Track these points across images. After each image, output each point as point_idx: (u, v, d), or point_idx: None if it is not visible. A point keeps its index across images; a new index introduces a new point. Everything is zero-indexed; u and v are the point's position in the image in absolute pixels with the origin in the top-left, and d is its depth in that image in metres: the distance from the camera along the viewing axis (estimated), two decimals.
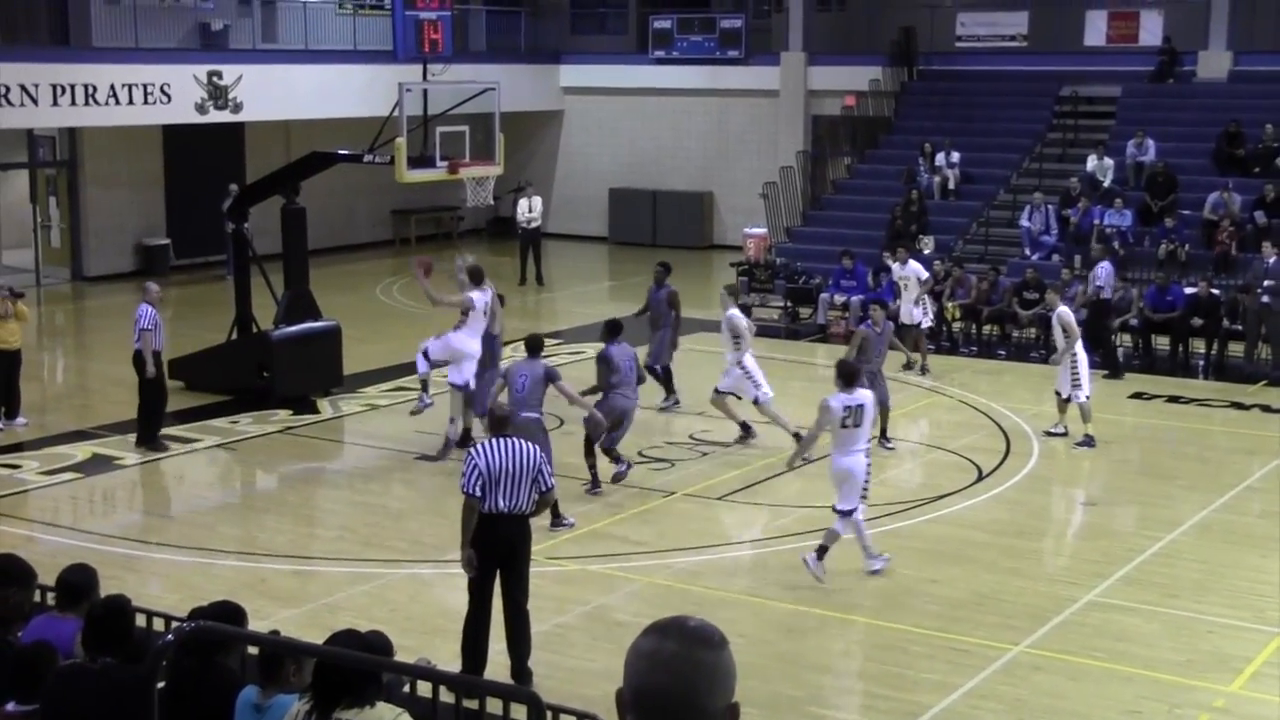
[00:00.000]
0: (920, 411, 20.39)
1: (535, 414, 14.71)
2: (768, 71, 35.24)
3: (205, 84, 29.53)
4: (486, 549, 10.88)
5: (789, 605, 12.90)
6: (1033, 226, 27.35)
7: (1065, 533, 15.87)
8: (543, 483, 10.97)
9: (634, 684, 3.18)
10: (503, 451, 10.88)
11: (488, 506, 10.78)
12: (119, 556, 14.01)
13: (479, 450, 10.90)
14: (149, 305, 17.68)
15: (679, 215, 36.79)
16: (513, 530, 10.95)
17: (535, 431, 14.46)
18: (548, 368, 15.18)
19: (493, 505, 10.79)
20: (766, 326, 26.33)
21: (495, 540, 10.87)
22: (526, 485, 10.87)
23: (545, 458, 11.20)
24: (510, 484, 10.81)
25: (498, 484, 10.78)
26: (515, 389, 14.82)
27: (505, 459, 10.83)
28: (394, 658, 7.30)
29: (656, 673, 3.16)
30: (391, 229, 37.10)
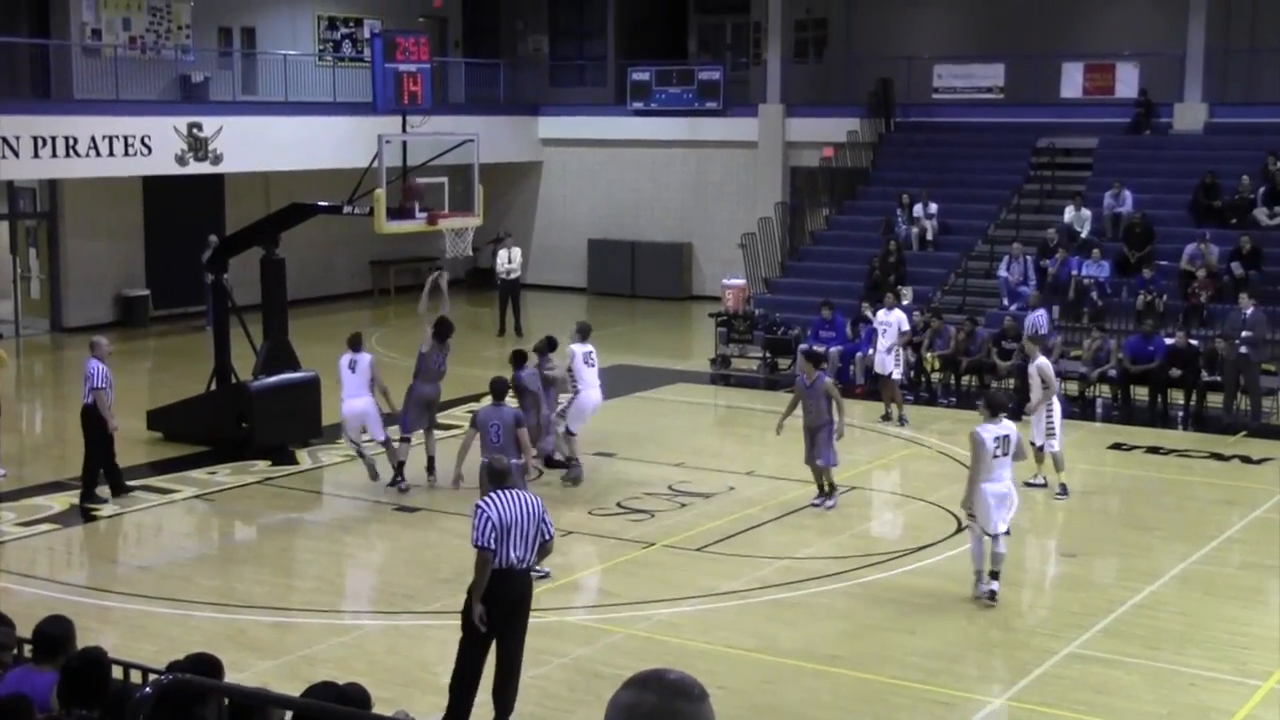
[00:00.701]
0: (899, 462, 20.42)
1: (515, 460, 14.69)
2: (746, 123, 35.44)
3: (185, 135, 29.58)
4: (497, 604, 10.76)
5: (768, 657, 12.87)
6: (1010, 277, 27.48)
7: (1045, 584, 15.85)
8: (545, 531, 10.91)
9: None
10: (511, 503, 10.81)
11: (499, 560, 10.68)
12: (96, 608, 13.93)
13: (488, 503, 10.79)
14: (99, 361, 17.59)
15: (658, 266, 36.88)
16: (523, 585, 10.89)
17: (517, 478, 14.47)
18: (516, 413, 15.34)
19: (504, 559, 10.69)
20: (745, 377, 26.43)
21: (506, 595, 10.77)
22: (533, 536, 10.81)
23: (545, 507, 11.13)
24: (520, 536, 10.74)
25: (509, 535, 10.69)
26: (490, 438, 14.86)
27: (515, 510, 10.77)
28: (372, 710, 7.26)
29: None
30: (371, 279, 37.14)
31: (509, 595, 10.78)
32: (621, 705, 3.18)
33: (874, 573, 15.20)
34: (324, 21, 35.87)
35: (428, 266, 36.95)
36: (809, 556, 15.73)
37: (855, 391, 24.65)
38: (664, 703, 3.16)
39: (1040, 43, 33.74)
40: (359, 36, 36.01)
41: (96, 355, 17.69)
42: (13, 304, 30.69)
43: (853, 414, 23.32)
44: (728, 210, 35.29)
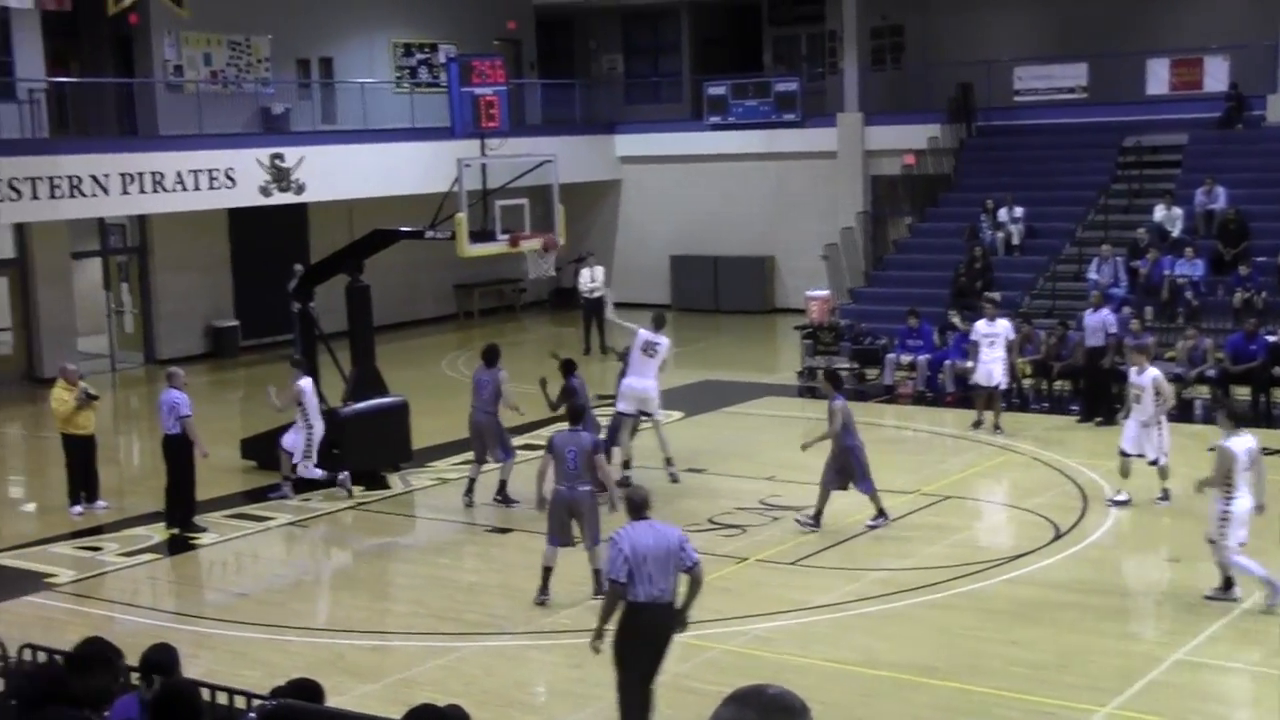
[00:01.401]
0: (993, 470, 20.21)
1: (588, 486, 14.55)
2: (824, 133, 35.29)
3: (268, 167, 29.91)
4: (635, 636, 10.61)
5: (867, 670, 12.75)
6: (1101, 279, 27.09)
7: (1149, 590, 15.59)
8: (685, 560, 10.60)
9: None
10: (646, 534, 10.59)
11: (634, 594, 10.49)
12: (197, 635, 14.06)
13: (623, 535, 10.63)
14: (180, 391, 17.79)
15: (740, 280, 36.80)
16: (662, 617, 10.66)
17: (591, 505, 14.45)
18: (594, 439, 15.07)
19: (639, 592, 10.48)
20: None
21: (642, 628, 10.59)
22: (671, 568, 10.55)
23: (685, 535, 10.81)
24: (657, 567, 10.51)
25: (642, 568, 10.47)
26: (567, 464, 14.48)
27: (649, 541, 10.53)
28: None
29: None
30: (455, 303, 37.34)
31: (645, 628, 10.60)
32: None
33: (971, 582, 15.03)
34: (400, 48, 36.15)
35: (511, 289, 37.23)
36: (905, 568, 15.58)
37: (945, 400, 24.51)
38: (764, 719, 3.12)
39: (1123, 40, 33.35)
40: (435, 62, 36.25)
41: (175, 385, 17.88)
42: (107, 339, 31.12)
43: (943, 422, 23.25)
44: (809, 222, 35.13)
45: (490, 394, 18.51)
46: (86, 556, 17.10)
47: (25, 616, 14.73)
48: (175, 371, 18.44)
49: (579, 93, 38.85)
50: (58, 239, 29.43)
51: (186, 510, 17.88)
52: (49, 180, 26.33)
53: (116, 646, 7.85)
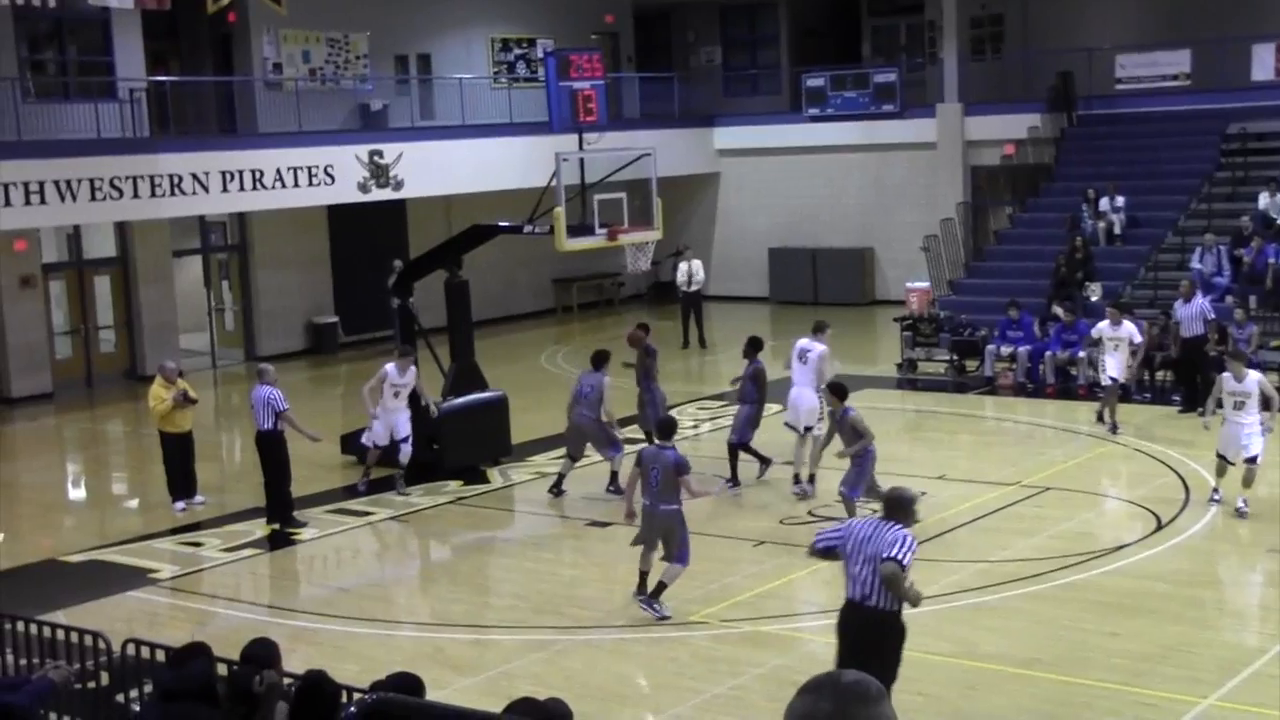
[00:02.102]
0: (1094, 461, 19.98)
1: (673, 505, 14.04)
2: (924, 124, 35.04)
3: (367, 163, 30.18)
4: (842, 635, 10.46)
5: (968, 662, 12.67)
6: (1204, 268, 26.68)
7: (1251, 581, 15.37)
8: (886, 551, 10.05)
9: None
10: (861, 530, 10.41)
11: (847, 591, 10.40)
12: (299, 629, 14.22)
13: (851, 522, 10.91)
14: (272, 387, 17.96)
15: (839, 272, 36.64)
16: (863, 618, 10.28)
17: (674, 525, 14.02)
18: (678, 458, 14.06)
19: (848, 589, 10.39)
20: (933, 380, 26.12)
21: (846, 627, 10.40)
22: (870, 567, 10.14)
23: (901, 536, 10.20)
24: (856, 566, 10.26)
25: (848, 565, 10.34)
26: (650, 481, 14.03)
27: (860, 539, 10.30)
28: None
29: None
30: (553, 298, 37.49)
31: (848, 627, 10.41)
32: (797, 713, 3.14)
33: (1072, 574, 14.89)
34: (497, 44, 36.33)
35: (610, 283, 37.32)
36: (1005, 559, 15.47)
37: (1046, 391, 24.27)
38: (839, 709, 3.10)
39: (1227, 25, 32.75)
40: (532, 56, 36.40)
41: (267, 381, 18.06)
42: (208, 336, 31.55)
43: (1043, 413, 23.01)
44: (908, 213, 34.90)
45: (594, 398, 18.56)
46: (188, 552, 17.34)
47: (129, 611, 14.97)
48: (266, 368, 18.67)
49: (677, 86, 38.83)
50: (159, 237, 29.88)
51: (285, 506, 18.08)
52: (150, 179, 26.74)
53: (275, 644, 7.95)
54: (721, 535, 16.84)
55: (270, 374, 18.30)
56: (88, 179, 25.80)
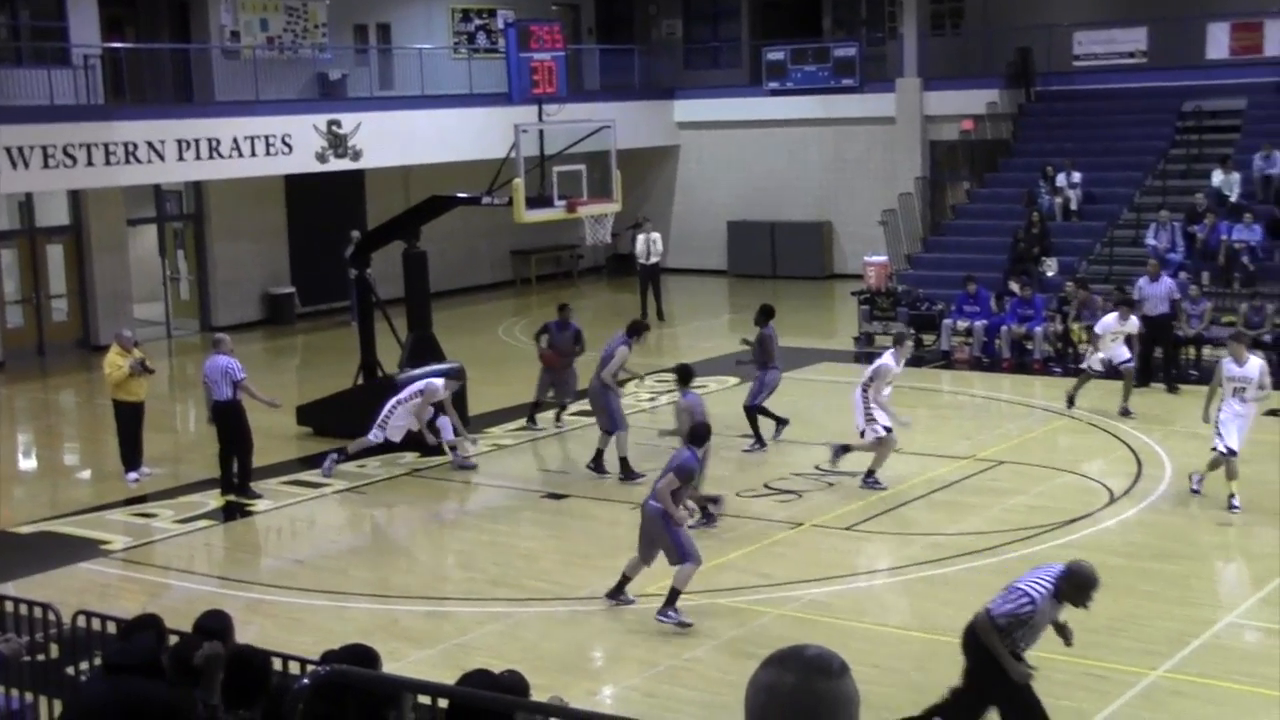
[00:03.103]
0: (1049, 435, 20.12)
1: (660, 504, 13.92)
2: (883, 98, 35.09)
3: (325, 133, 30.02)
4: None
5: (922, 635, 12.75)
6: (1159, 245, 26.86)
7: (1202, 555, 15.49)
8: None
9: (754, 718, 3.13)
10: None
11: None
12: (253, 601, 14.19)
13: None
14: (230, 357, 17.82)
15: (798, 246, 36.69)
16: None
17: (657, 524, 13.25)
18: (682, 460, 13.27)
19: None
20: None
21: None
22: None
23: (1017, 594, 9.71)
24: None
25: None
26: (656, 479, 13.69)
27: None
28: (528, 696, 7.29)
29: (775, 706, 3.10)
30: (512, 269, 37.42)
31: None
32: (761, 685, 3.13)
33: (1026, 547, 14.98)
34: (458, 14, 36.16)
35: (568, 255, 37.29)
36: (959, 533, 15.56)
37: (1002, 366, 24.41)
38: (803, 681, 3.11)
39: (1183, 4, 32.90)
40: (493, 27, 36.23)
41: (223, 351, 17.92)
42: (163, 306, 31.36)
43: (998, 388, 23.14)
44: (867, 187, 34.97)
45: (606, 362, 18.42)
46: (141, 523, 17.24)
47: (80, 583, 14.88)
48: (222, 338, 18.52)
49: (637, 58, 38.76)
50: (113, 206, 29.65)
51: (246, 476, 18.00)
52: (104, 147, 26.51)
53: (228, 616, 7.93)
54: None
55: (226, 344, 18.19)
56: (41, 146, 25.56)
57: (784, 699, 3.10)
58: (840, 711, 3.11)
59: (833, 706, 3.11)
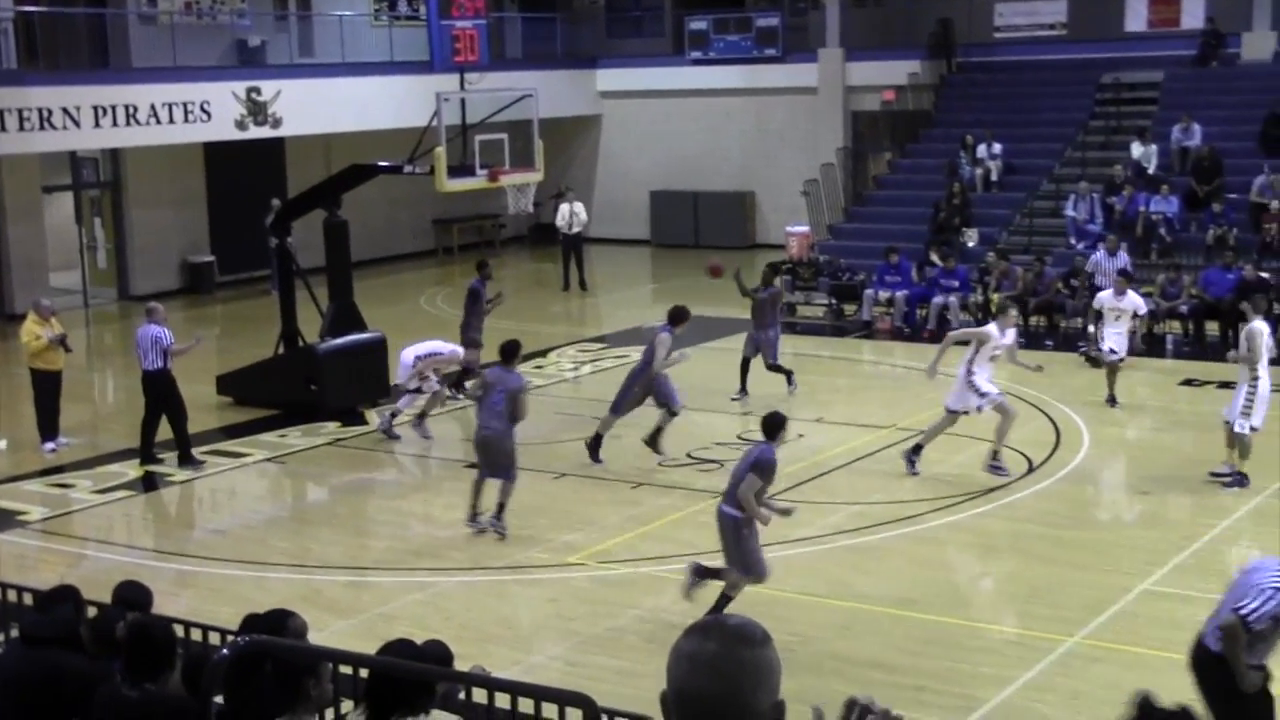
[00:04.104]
0: None
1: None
2: (806, 69, 35.16)
3: (244, 100, 29.68)
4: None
5: (843, 603, 12.85)
6: (1078, 216, 27.18)
7: (1119, 523, 15.71)
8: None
9: (676, 686, 3.14)
10: None
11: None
12: (173, 572, 14.08)
13: None
14: (161, 326, 17.63)
15: (721, 216, 36.73)
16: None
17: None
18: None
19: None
20: (812, 324, 26.32)
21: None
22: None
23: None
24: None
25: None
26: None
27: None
28: (451, 665, 7.27)
29: (698, 674, 3.12)
30: (434, 239, 37.23)
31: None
32: (683, 654, 3.14)
33: (946, 515, 15.15)
34: None
35: (491, 224, 37.14)
36: (881, 501, 15.68)
37: (923, 335, 24.57)
38: (725, 649, 3.12)
39: None
40: None
41: (156, 320, 17.72)
42: (80, 274, 30.96)
43: (920, 358, 23.23)
44: (789, 157, 35.05)
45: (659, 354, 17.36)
46: (58, 494, 17.04)
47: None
48: (155, 306, 18.26)
49: (560, 27, 38.60)
50: (28, 173, 29.18)
51: (183, 444, 17.82)
52: (18, 112, 26.05)
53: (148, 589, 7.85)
54: (599, 477, 16.90)
55: (159, 313, 17.91)
56: None
57: (706, 667, 3.11)
58: (763, 680, 3.13)
59: (755, 675, 3.12)
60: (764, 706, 3.12)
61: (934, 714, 10.64)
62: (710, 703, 3.10)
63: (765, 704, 3.13)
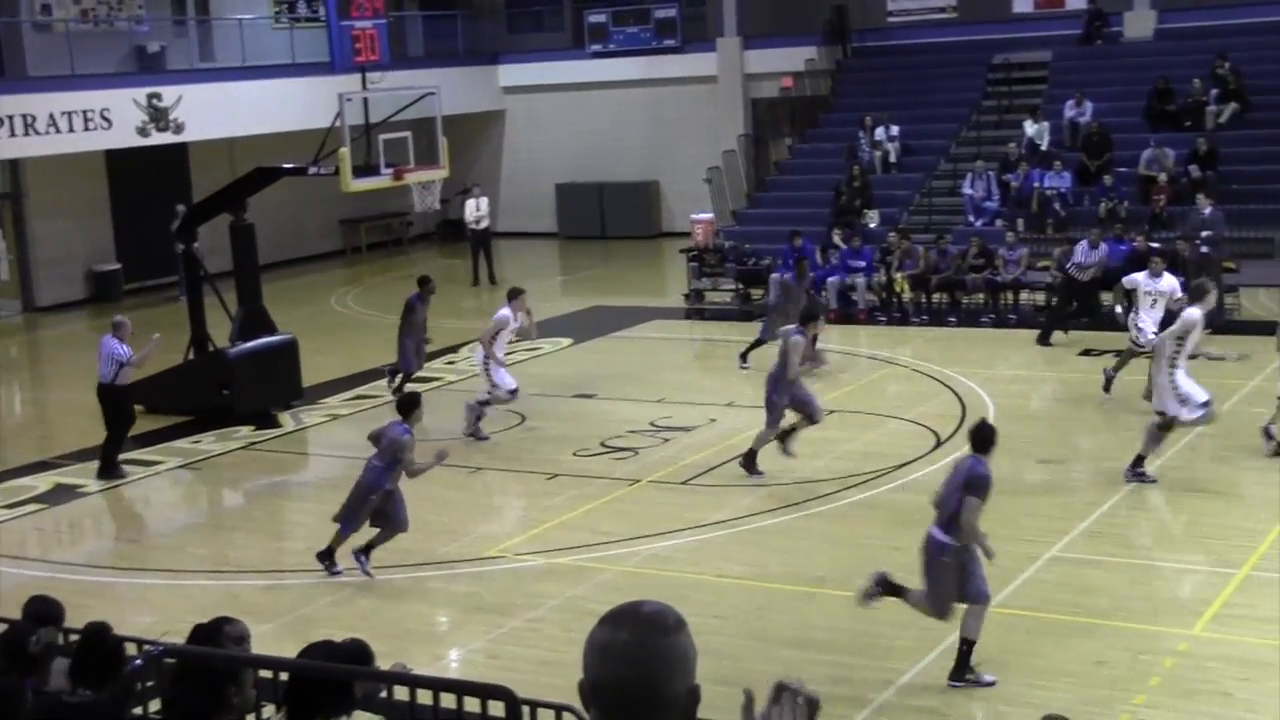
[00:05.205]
0: (877, 383, 20.62)
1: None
2: (705, 58, 35.43)
3: (145, 107, 29.48)
4: None
5: (759, 583, 13.07)
6: (975, 194, 27.67)
7: (1025, 492, 16.00)
8: None
9: (592, 676, 3.16)
10: None
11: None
12: (90, 584, 14.03)
13: None
14: (123, 344, 17.47)
15: (626, 206, 36.93)
16: None
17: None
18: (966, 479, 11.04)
19: None
20: (720, 310, 26.59)
21: None
22: None
23: None
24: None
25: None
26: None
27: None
28: (373, 665, 7.35)
29: (612, 664, 3.14)
30: (341, 239, 37.13)
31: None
32: (597, 644, 3.17)
33: (858, 493, 15.42)
34: None
35: (398, 222, 37.11)
36: (794, 481, 15.91)
37: (829, 317, 24.87)
38: (638, 638, 3.14)
39: None
40: None
41: (118, 335, 17.55)
42: None
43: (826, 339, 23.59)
44: (692, 146, 35.29)
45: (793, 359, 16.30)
46: None
47: None
48: (122, 321, 17.97)
49: (461, 24, 38.59)
50: None
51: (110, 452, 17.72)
52: None
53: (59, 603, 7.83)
54: (515, 470, 17.04)
55: (124, 328, 17.69)
56: None
57: (619, 656, 3.13)
58: (676, 667, 3.15)
59: (668, 661, 3.14)
60: (679, 692, 3.15)
61: (853, 689, 10.86)
62: (625, 691, 3.13)
63: (681, 690, 3.15)
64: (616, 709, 3.15)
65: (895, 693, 10.81)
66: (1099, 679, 10.73)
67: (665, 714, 3.16)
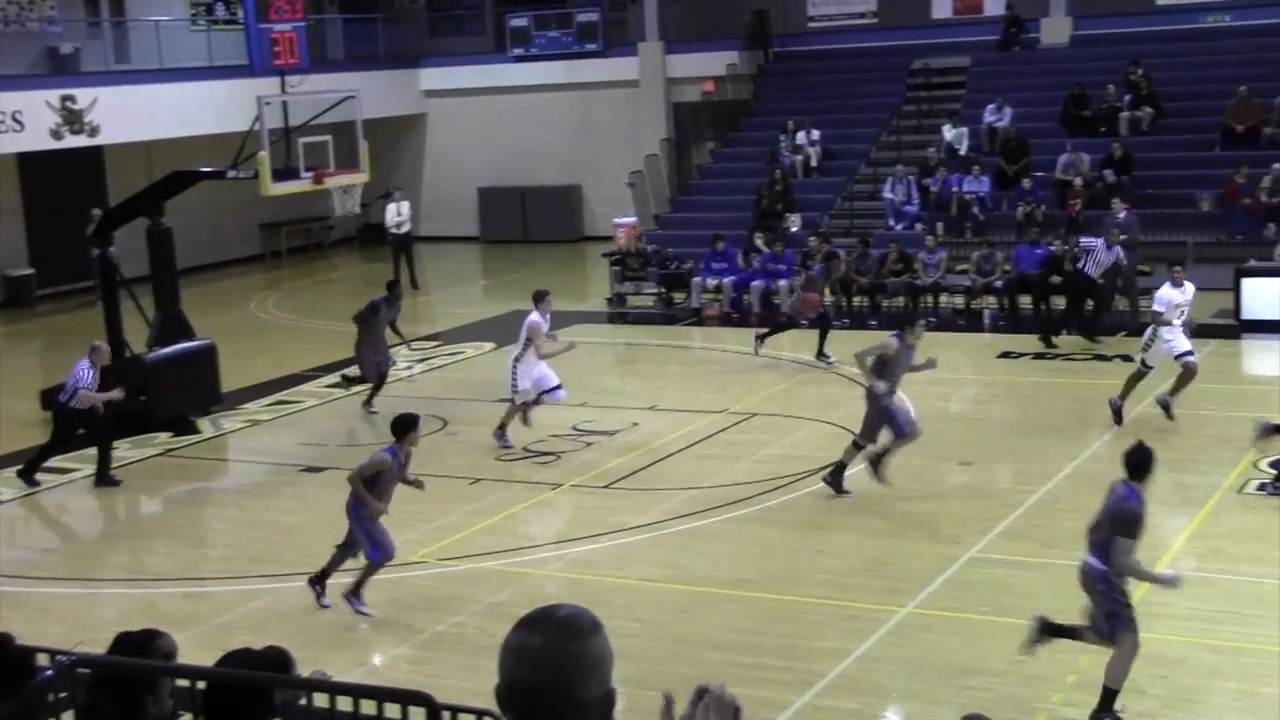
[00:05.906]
0: (797, 386, 20.69)
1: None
2: (626, 62, 35.47)
3: (59, 109, 29.10)
4: None
5: (682, 586, 13.09)
6: (895, 198, 27.88)
7: (945, 493, 16.13)
8: None
9: (506, 680, 3.15)
10: None
11: None
12: (1, 595, 13.84)
13: None
14: (90, 370, 17.25)
15: (549, 210, 36.91)
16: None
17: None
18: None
19: None
20: (642, 313, 26.62)
21: None
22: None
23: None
24: None
25: None
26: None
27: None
28: (293, 671, 7.28)
29: (525, 668, 3.12)
30: (261, 243, 36.84)
31: None
32: (510, 648, 3.16)
33: (780, 495, 15.47)
34: None
35: (319, 226, 36.89)
36: (715, 485, 15.95)
37: (751, 320, 24.99)
38: (551, 642, 3.14)
39: None
40: None
41: (92, 360, 17.35)
42: None
43: (748, 342, 23.64)
44: (614, 150, 35.32)
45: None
46: None
47: None
48: (99, 347, 17.75)
49: (381, 27, 38.43)
50: None
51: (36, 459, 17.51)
52: None
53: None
54: (438, 474, 16.95)
55: (100, 353, 17.54)
56: None
57: (532, 660, 3.12)
58: (590, 671, 3.13)
59: (582, 666, 3.13)
60: (593, 696, 3.13)
61: (774, 690, 10.89)
62: (538, 695, 3.11)
63: (595, 693, 3.13)
64: (530, 713, 3.13)
65: (816, 694, 10.84)
66: (1017, 678, 10.82)
67: (580, 718, 3.13)
